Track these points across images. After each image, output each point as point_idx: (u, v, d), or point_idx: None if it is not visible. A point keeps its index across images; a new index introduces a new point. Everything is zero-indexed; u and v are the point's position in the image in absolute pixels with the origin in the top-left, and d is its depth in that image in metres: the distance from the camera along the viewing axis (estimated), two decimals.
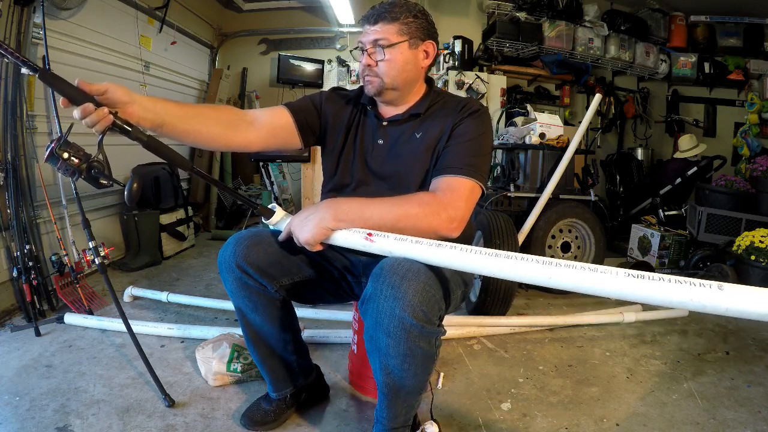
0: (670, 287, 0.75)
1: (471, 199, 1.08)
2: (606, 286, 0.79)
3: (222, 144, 1.12)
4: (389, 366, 0.98)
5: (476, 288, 2.21)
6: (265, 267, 1.15)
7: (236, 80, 4.47)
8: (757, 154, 3.88)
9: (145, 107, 0.93)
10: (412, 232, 0.99)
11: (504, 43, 4.09)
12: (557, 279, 0.82)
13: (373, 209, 1.01)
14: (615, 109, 4.63)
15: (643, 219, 3.51)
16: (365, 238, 0.98)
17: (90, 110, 0.84)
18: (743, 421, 1.41)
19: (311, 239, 0.99)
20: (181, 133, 1.02)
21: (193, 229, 3.41)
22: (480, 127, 1.15)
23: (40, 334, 1.81)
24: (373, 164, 1.23)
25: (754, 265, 2.42)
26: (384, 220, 1.00)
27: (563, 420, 1.41)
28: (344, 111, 1.27)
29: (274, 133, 1.20)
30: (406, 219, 1.00)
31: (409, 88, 1.21)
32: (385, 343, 0.94)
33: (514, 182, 2.77)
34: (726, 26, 4.48)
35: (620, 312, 2.20)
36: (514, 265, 0.86)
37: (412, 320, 0.91)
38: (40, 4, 2.01)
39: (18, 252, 1.95)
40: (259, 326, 1.23)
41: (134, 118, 0.91)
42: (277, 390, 1.32)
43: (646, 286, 0.76)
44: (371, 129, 1.25)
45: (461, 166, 1.09)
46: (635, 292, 0.77)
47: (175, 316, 2.09)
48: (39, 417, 1.30)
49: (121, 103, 0.89)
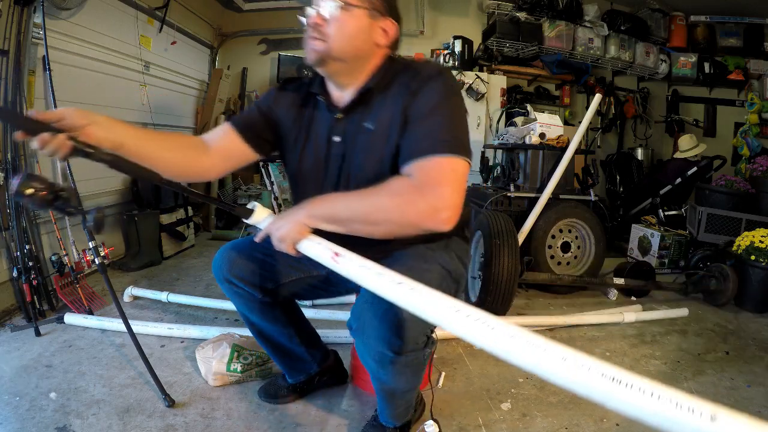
0: (646, 402, 0.54)
1: (456, 180, 0.89)
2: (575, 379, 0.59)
3: (180, 172, 1.05)
4: (381, 379, 1.06)
5: (476, 288, 2.21)
6: (249, 276, 1.20)
7: (236, 80, 4.47)
8: (757, 154, 3.88)
9: (104, 127, 0.88)
10: (390, 227, 0.89)
11: (504, 43, 4.09)
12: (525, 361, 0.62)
13: (342, 204, 0.93)
14: (615, 109, 4.63)
15: (643, 219, 3.51)
16: (332, 257, 0.88)
17: (47, 139, 0.80)
18: None
19: (286, 236, 0.93)
20: (140, 157, 0.94)
21: (193, 229, 3.41)
22: (443, 92, 0.96)
23: (40, 334, 1.81)
24: (331, 173, 1.09)
25: (754, 265, 2.42)
26: (355, 215, 0.91)
27: (563, 420, 1.41)
28: (293, 110, 1.13)
29: (228, 156, 1.12)
30: (377, 212, 0.89)
31: (358, 64, 1.02)
32: (374, 367, 1.01)
33: (514, 182, 2.77)
34: (726, 26, 4.48)
35: (620, 312, 2.20)
36: (482, 332, 0.67)
37: (395, 355, 0.95)
38: (40, 4, 2.01)
39: (18, 252, 1.95)
40: (261, 325, 1.31)
41: (93, 139, 0.86)
42: (291, 377, 1.43)
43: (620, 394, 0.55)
44: (325, 126, 1.09)
45: (432, 145, 0.91)
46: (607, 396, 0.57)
47: (175, 316, 2.09)
48: (39, 417, 1.30)
49: (80, 126, 0.84)
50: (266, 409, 1.40)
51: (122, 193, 2.93)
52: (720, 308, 2.45)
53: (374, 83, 1.02)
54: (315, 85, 1.11)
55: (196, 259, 3.07)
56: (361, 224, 0.91)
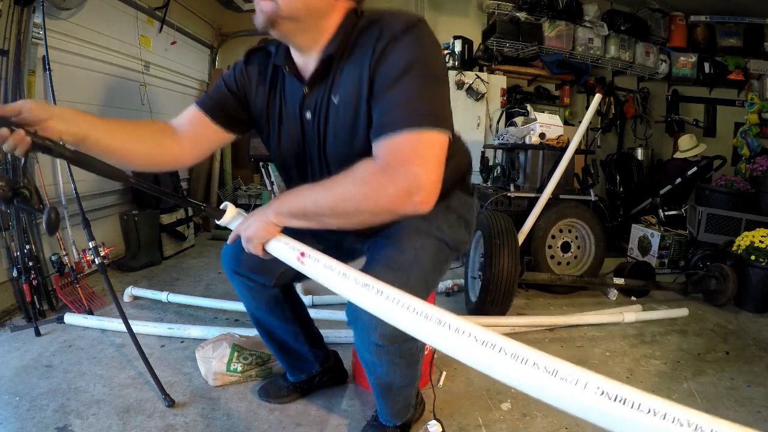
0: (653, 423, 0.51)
1: (429, 156, 0.79)
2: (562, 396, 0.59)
3: (149, 162, 1.00)
4: (376, 372, 1.08)
5: (476, 288, 2.21)
6: (258, 265, 1.17)
7: None
8: (757, 154, 3.88)
9: (65, 120, 0.84)
10: (362, 217, 0.81)
11: (504, 43, 4.09)
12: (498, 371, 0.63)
13: (308, 198, 0.85)
14: (615, 109, 4.63)
15: (643, 219, 3.51)
16: (297, 258, 0.84)
17: (5, 135, 0.76)
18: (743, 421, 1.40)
19: (254, 236, 0.89)
20: (105, 150, 0.90)
21: (193, 229, 3.41)
22: (412, 53, 0.82)
23: (40, 334, 1.81)
24: (312, 154, 1.01)
25: (754, 265, 2.42)
26: (322, 208, 0.83)
27: (563, 420, 1.41)
28: (263, 87, 1.03)
29: (197, 141, 1.05)
30: (345, 203, 0.81)
31: (314, 23, 0.88)
32: (369, 359, 1.04)
33: (514, 182, 2.77)
34: (726, 26, 4.48)
35: (620, 312, 2.20)
36: (445, 336, 0.65)
37: (388, 345, 0.96)
38: (40, 4, 2.00)
39: (18, 252, 1.95)
40: (268, 322, 1.32)
41: (55, 133, 0.82)
42: (293, 375, 1.44)
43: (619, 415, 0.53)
44: (295, 102, 0.99)
45: (402, 118, 0.80)
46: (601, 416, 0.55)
47: (175, 316, 2.09)
48: (39, 417, 1.30)
49: (40, 120, 0.80)
50: (266, 409, 1.40)
51: (122, 192, 2.93)
52: (720, 308, 2.45)
53: (335, 48, 0.89)
54: (279, 56, 0.99)
55: (196, 259, 3.07)
56: (332, 217, 0.84)
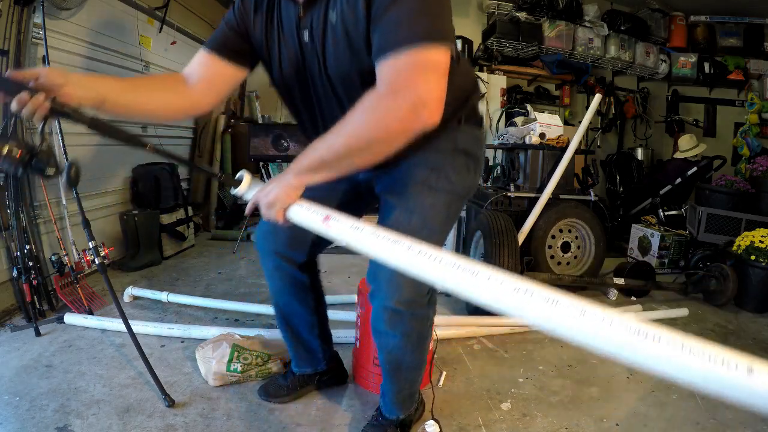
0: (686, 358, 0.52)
1: (433, 71, 0.79)
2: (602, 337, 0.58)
3: (168, 113, 1.02)
4: (388, 346, 1.13)
5: None
6: (291, 242, 1.23)
7: None
8: (757, 154, 3.88)
9: (83, 86, 0.85)
10: (380, 147, 0.82)
11: (504, 43, 4.09)
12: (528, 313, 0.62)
13: (323, 148, 0.86)
14: (615, 109, 4.63)
15: (643, 219, 3.51)
16: (323, 221, 0.85)
17: (25, 100, 0.78)
18: (743, 421, 1.42)
19: (275, 201, 0.90)
20: (124, 108, 0.93)
21: (193, 229, 3.41)
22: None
23: (40, 334, 1.81)
24: (315, 79, 1.00)
25: (754, 265, 2.42)
26: (339, 152, 0.84)
27: (563, 420, 1.41)
28: (260, 15, 1.02)
29: (212, 83, 1.05)
30: (359, 139, 0.82)
31: None
32: (383, 330, 1.09)
33: (514, 182, 2.77)
34: (726, 26, 4.48)
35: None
36: (474, 282, 0.64)
37: (403, 309, 1.05)
38: (40, 4, 2.00)
39: (18, 252, 1.95)
40: (289, 308, 1.35)
41: (74, 99, 0.84)
42: (298, 366, 1.46)
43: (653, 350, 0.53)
44: (292, 24, 0.97)
45: (401, 39, 0.79)
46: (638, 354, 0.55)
47: (175, 316, 2.09)
48: (39, 417, 1.30)
49: (58, 86, 0.82)
50: (266, 409, 1.40)
51: (122, 192, 2.93)
52: (720, 308, 2.45)
53: None
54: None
55: (196, 259, 3.07)
56: (352, 158, 0.84)
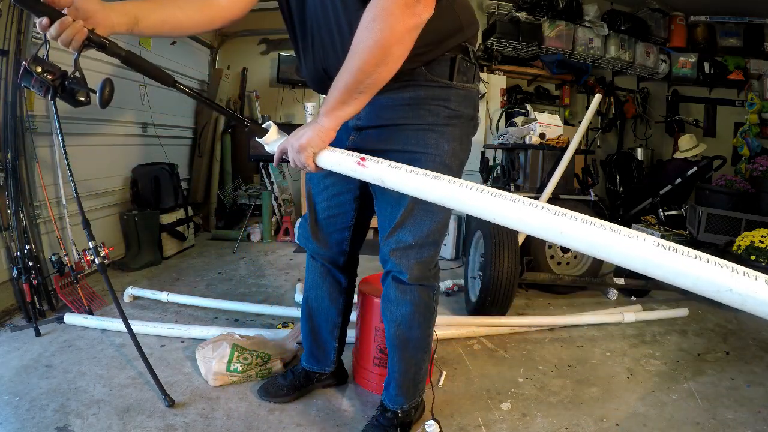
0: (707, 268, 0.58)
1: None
2: (626, 252, 0.64)
3: (202, 23, 1.04)
4: (398, 317, 1.20)
5: (476, 288, 2.21)
6: (329, 244, 1.32)
7: (236, 80, 4.47)
8: (757, 154, 3.87)
9: (116, 10, 0.88)
10: (396, 50, 0.85)
11: (504, 43, 4.09)
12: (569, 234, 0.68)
13: (342, 79, 0.89)
14: (615, 109, 4.63)
15: (643, 219, 3.51)
16: (358, 163, 0.88)
17: (67, 24, 0.80)
18: (743, 421, 1.42)
19: (307, 145, 0.93)
20: (158, 24, 0.95)
21: (193, 229, 3.41)
22: None
23: (40, 334, 1.81)
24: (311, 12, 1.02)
25: (754, 265, 2.41)
26: (357, 76, 0.87)
27: (563, 420, 1.41)
28: None
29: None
30: (371, 53, 0.84)
31: None
32: (395, 296, 1.18)
33: (514, 182, 2.77)
34: (726, 26, 4.47)
35: (620, 312, 2.20)
36: (514, 209, 0.74)
37: (415, 283, 1.16)
38: None
39: (18, 252, 1.95)
40: (317, 303, 1.40)
41: (109, 23, 0.86)
42: (308, 363, 1.48)
43: (677, 262, 0.60)
44: None
45: None
46: (663, 265, 0.61)
47: (175, 316, 2.09)
48: (39, 417, 1.30)
49: (93, 12, 0.84)
50: (266, 409, 1.40)
51: (122, 192, 2.93)
52: (720, 308, 2.45)
53: None
54: None
55: (196, 259, 3.07)
56: (372, 76, 0.87)
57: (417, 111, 1.04)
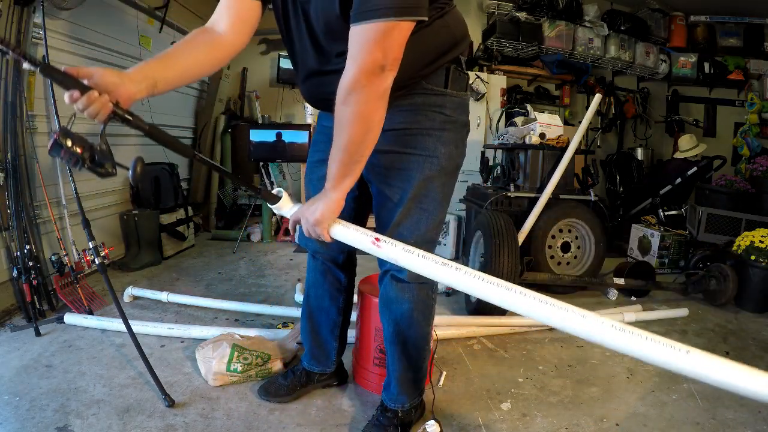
0: (641, 342, 0.83)
1: (393, 44, 0.86)
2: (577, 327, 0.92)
3: (213, 65, 1.08)
4: (397, 314, 1.21)
5: None
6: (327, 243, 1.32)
7: (236, 80, 4.47)
8: (757, 154, 3.88)
9: (135, 80, 0.89)
10: (374, 114, 0.92)
11: (504, 43, 4.09)
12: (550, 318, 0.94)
13: (337, 153, 0.96)
14: (615, 109, 4.63)
15: (643, 219, 3.51)
16: (372, 242, 0.98)
17: (94, 98, 0.82)
18: (743, 421, 1.42)
19: (323, 219, 1.00)
20: (175, 81, 0.98)
21: (193, 229, 3.41)
22: None
23: (40, 334, 1.81)
24: (314, 24, 1.04)
25: (754, 265, 2.42)
26: (351, 148, 0.94)
27: (563, 420, 1.41)
28: None
29: (243, 21, 1.10)
30: (355, 128, 0.92)
31: None
32: (394, 294, 1.20)
33: (514, 182, 2.77)
34: (726, 26, 4.48)
35: (620, 312, 2.20)
36: (510, 297, 0.92)
37: (414, 281, 1.18)
38: (40, 4, 2.00)
39: (18, 252, 1.95)
40: (318, 302, 1.42)
41: (131, 94, 0.87)
42: (309, 363, 1.48)
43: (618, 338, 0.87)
44: None
45: (371, 7, 0.84)
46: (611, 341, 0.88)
47: (175, 316, 2.09)
48: (39, 417, 1.30)
49: (114, 86, 0.84)
50: (266, 409, 1.40)
51: (122, 192, 2.93)
52: (720, 308, 2.45)
53: None
54: None
55: (196, 259, 3.07)
56: (363, 145, 0.94)
57: (415, 116, 1.09)
